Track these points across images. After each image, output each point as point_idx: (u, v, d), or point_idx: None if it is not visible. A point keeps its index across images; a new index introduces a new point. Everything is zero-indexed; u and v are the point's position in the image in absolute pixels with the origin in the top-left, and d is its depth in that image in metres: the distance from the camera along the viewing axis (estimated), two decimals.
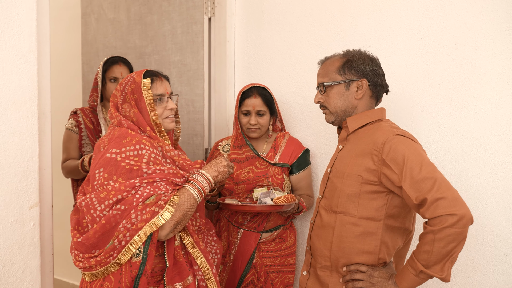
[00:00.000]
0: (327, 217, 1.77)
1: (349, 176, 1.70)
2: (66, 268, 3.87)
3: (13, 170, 1.95)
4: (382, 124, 1.75)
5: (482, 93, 2.08)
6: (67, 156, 2.66)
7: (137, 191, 1.67)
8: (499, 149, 2.05)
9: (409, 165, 1.56)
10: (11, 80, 1.93)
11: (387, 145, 1.62)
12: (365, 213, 1.68)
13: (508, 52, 2.01)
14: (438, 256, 1.51)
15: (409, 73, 2.25)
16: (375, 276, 1.66)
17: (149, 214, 1.66)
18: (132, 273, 1.66)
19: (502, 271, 2.07)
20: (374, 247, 1.69)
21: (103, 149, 1.77)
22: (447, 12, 2.15)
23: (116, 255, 1.66)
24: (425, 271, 1.53)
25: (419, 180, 1.53)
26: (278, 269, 2.38)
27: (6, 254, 1.94)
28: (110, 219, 1.65)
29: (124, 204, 1.66)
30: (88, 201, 1.69)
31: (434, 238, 1.49)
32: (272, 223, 2.38)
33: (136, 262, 1.66)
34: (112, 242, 1.65)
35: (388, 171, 1.60)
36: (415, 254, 1.57)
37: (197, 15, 2.87)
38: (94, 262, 1.67)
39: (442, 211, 1.48)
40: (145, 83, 1.80)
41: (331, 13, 2.51)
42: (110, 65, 2.69)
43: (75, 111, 2.71)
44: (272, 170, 2.38)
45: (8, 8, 1.91)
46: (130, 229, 1.64)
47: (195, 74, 2.91)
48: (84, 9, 3.44)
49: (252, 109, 2.37)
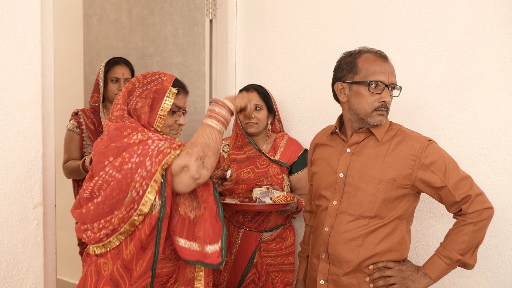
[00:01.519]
0: (353, 223, 1.76)
1: (384, 181, 1.73)
2: (68, 267, 3.90)
3: (17, 170, 1.96)
4: (406, 131, 1.81)
5: (480, 95, 2.10)
6: (69, 157, 2.68)
7: (151, 145, 1.63)
8: (497, 150, 2.07)
9: (449, 167, 1.71)
10: (15, 81, 1.95)
11: (426, 151, 1.72)
12: (395, 214, 1.76)
13: (506, 54, 2.04)
14: (472, 245, 1.70)
15: (408, 75, 2.27)
16: (404, 270, 1.74)
17: (161, 156, 1.60)
18: (152, 223, 1.61)
19: (499, 272, 2.09)
20: (400, 245, 1.76)
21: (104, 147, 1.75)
22: (446, 15, 2.17)
23: (137, 206, 1.60)
24: (462, 259, 1.69)
25: (459, 180, 1.70)
26: (278, 268, 2.40)
27: (10, 253, 1.96)
28: (126, 173, 1.60)
29: (139, 156, 1.61)
30: (105, 176, 1.63)
31: (473, 229, 1.68)
32: (272, 222, 2.40)
33: (155, 214, 1.60)
34: (130, 194, 1.61)
35: (428, 174, 1.71)
36: (450, 245, 1.70)
37: (199, 16, 2.89)
38: (117, 219, 1.61)
39: (481, 205, 1.69)
40: (171, 91, 1.78)
41: (332, 15, 2.53)
42: (111, 65, 2.71)
43: (76, 112, 2.73)
44: (272, 170, 2.40)
45: (13, 10, 1.93)
46: (145, 177, 1.59)
47: (196, 75, 2.93)
48: (86, 10, 3.46)
49: None
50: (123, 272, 1.64)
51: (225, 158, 2.48)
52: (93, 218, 1.68)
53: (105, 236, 1.66)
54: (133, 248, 1.62)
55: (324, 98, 2.53)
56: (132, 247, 1.63)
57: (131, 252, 1.63)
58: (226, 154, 2.49)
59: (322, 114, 2.59)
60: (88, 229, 1.70)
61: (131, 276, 1.64)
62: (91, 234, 1.69)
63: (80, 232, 1.75)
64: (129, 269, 1.64)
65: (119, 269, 1.64)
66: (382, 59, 1.76)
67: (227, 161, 2.47)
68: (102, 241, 1.68)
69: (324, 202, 1.86)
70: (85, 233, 1.71)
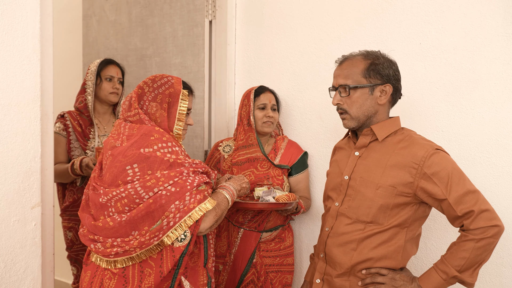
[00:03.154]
0: (350, 226, 1.74)
1: (383, 187, 1.68)
2: (66, 268, 3.88)
3: (16, 170, 1.96)
4: (414, 136, 1.73)
5: (480, 98, 2.10)
6: (55, 160, 2.64)
7: (188, 178, 1.69)
8: (496, 153, 2.07)
9: (453, 180, 1.61)
10: (14, 81, 1.94)
11: (430, 160, 1.63)
12: (393, 222, 1.69)
13: (505, 57, 2.04)
14: (472, 263, 1.59)
15: (407, 77, 2.27)
16: (397, 279, 1.67)
17: (201, 196, 1.68)
18: (175, 257, 1.65)
19: (498, 274, 2.09)
20: (397, 253, 1.70)
21: (120, 145, 1.74)
22: (445, 17, 2.17)
23: (161, 236, 1.64)
24: (458, 276, 1.60)
25: (464, 194, 1.60)
26: (277, 268, 2.40)
27: (8, 254, 1.95)
28: (157, 198, 1.63)
29: (175, 186, 1.65)
30: (131, 191, 1.64)
31: (475, 246, 1.57)
32: (272, 223, 2.40)
33: (179, 247, 1.66)
34: (160, 221, 1.63)
35: (429, 185, 1.63)
36: (448, 260, 1.62)
37: (198, 18, 2.89)
38: (137, 243, 1.63)
39: (486, 222, 1.57)
40: (184, 94, 1.82)
41: (331, 17, 2.53)
42: (105, 65, 2.71)
43: (63, 114, 2.70)
44: (273, 172, 2.41)
45: (12, 10, 1.93)
46: (181, 210, 1.64)
47: (196, 77, 2.93)
48: (86, 11, 3.46)
49: (268, 102, 2.47)
50: None
51: (226, 158, 2.48)
52: (110, 235, 1.68)
53: (115, 254, 1.67)
54: (153, 282, 1.66)
55: (323, 99, 2.53)
56: (152, 280, 1.66)
57: (150, 284, 1.66)
58: (226, 154, 2.49)
59: (321, 116, 2.59)
60: (99, 241, 1.70)
61: None
62: (101, 247, 1.69)
63: (87, 240, 1.74)
64: None
65: None
66: (337, 64, 1.81)
67: (228, 162, 2.47)
68: (109, 258, 1.68)
69: (330, 203, 1.86)
70: (94, 244, 1.71)
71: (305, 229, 2.66)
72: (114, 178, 1.69)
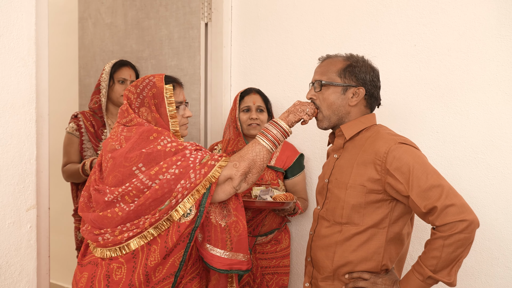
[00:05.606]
0: (329, 229, 1.74)
1: (352, 186, 1.67)
2: (63, 271, 3.87)
3: (11, 172, 1.96)
4: (381, 131, 1.71)
5: (474, 99, 2.11)
6: (68, 160, 2.65)
7: (190, 156, 1.67)
8: (491, 154, 2.08)
9: (415, 174, 1.55)
10: (9, 83, 1.94)
11: (391, 155, 1.60)
12: (370, 221, 1.66)
13: (499, 58, 2.05)
14: (446, 261, 1.52)
15: (402, 78, 2.28)
16: (379, 283, 1.64)
17: (206, 169, 1.65)
18: (181, 231, 1.64)
19: (493, 275, 2.09)
20: (378, 254, 1.67)
21: (119, 147, 1.73)
22: (440, 19, 2.19)
23: (170, 212, 1.64)
24: (433, 276, 1.53)
25: (427, 189, 1.53)
26: (273, 270, 2.40)
27: (2, 256, 1.94)
28: (163, 184, 1.62)
29: (179, 168, 1.64)
30: (137, 184, 1.64)
31: (444, 244, 1.50)
32: (267, 227, 2.40)
33: (185, 222, 1.64)
34: (168, 202, 1.63)
35: (393, 181, 1.59)
36: (422, 260, 1.56)
37: (194, 20, 2.90)
38: (148, 223, 1.63)
39: (452, 218, 1.49)
40: (168, 89, 1.78)
41: (327, 20, 2.54)
42: (119, 67, 2.70)
43: (76, 114, 2.70)
44: (268, 175, 2.40)
45: (7, 12, 1.93)
46: (188, 188, 1.63)
47: (192, 79, 2.93)
48: (82, 13, 3.46)
49: (252, 104, 2.44)
50: (143, 279, 1.65)
51: None
52: (119, 223, 1.68)
53: (127, 238, 1.67)
54: (158, 256, 1.64)
55: None
56: (157, 254, 1.65)
57: (156, 259, 1.65)
58: None
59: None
60: (107, 232, 1.69)
61: (148, 281, 1.66)
62: (110, 237, 1.68)
63: (91, 235, 1.73)
64: (148, 276, 1.65)
65: (140, 276, 1.65)
66: (319, 62, 1.85)
67: None
68: (120, 244, 1.68)
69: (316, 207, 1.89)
70: (100, 236, 1.70)
71: (301, 230, 2.66)
72: (119, 182, 1.69)
